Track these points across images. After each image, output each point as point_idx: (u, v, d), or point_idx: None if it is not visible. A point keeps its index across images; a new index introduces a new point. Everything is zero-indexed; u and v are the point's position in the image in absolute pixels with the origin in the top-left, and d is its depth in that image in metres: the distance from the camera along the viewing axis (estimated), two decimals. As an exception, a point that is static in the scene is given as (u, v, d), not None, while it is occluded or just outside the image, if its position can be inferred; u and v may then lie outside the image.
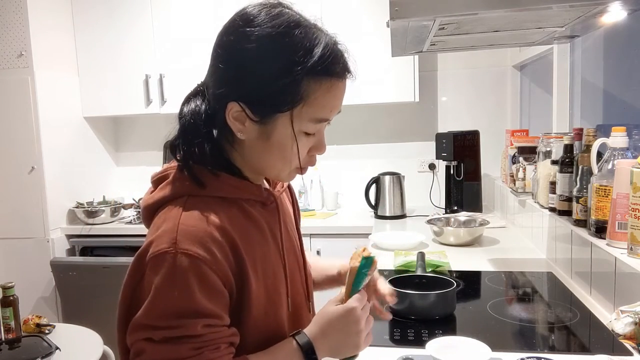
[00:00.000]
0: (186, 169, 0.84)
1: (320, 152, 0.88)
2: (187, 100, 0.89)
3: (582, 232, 1.46)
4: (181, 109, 0.89)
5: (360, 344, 0.87)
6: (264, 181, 0.95)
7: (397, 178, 2.86)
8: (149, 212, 0.85)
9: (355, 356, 0.88)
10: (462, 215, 2.35)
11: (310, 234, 2.62)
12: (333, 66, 0.81)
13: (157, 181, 0.88)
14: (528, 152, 2.14)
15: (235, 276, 0.80)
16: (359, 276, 0.88)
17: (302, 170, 0.87)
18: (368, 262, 0.88)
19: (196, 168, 0.83)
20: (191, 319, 0.74)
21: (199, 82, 0.90)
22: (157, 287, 0.74)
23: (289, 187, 1.06)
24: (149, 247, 0.77)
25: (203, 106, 0.85)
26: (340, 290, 0.92)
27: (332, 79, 0.81)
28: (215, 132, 0.85)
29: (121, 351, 0.83)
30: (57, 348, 1.92)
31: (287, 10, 0.83)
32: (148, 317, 0.75)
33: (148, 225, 0.85)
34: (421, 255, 1.66)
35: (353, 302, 0.86)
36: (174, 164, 0.89)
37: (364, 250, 0.90)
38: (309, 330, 0.85)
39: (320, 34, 0.82)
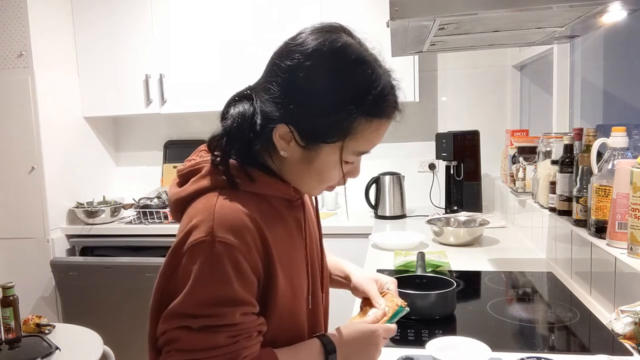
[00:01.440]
0: (223, 166, 0.85)
1: (354, 177, 0.92)
2: (234, 101, 0.90)
3: (582, 232, 1.47)
4: (227, 109, 0.90)
5: None
6: None
7: (397, 178, 2.86)
8: (180, 205, 0.87)
9: None
10: (462, 215, 2.35)
11: (310, 234, 2.61)
12: (386, 108, 0.84)
13: (188, 174, 0.89)
14: (528, 152, 2.15)
15: (264, 267, 0.82)
16: (392, 318, 1.00)
17: (331, 188, 0.92)
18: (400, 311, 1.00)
19: (232, 165, 0.85)
20: (230, 307, 0.76)
21: (248, 86, 0.91)
22: (195, 276, 0.76)
23: None
24: (186, 237, 0.79)
25: (250, 111, 0.86)
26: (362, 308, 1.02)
27: (382, 119, 0.84)
28: (257, 142, 0.86)
29: (151, 340, 0.84)
30: (57, 348, 1.92)
31: (349, 41, 0.84)
32: (186, 305, 0.76)
33: (178, 218, 0.88)
34: (421, 255, 1.66)
35: (380, 327, 0.94)
36: (204, 157, 0.90)
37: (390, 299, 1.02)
38: (333, 336, 0.90)
39: (380, 71, 0.84)
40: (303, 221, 0.93)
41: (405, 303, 1.00)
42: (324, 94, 0.81)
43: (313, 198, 1.04)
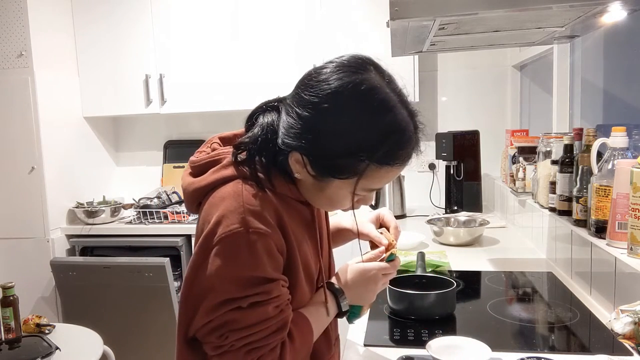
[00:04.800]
0: (249, 163, 0.87)
1: (366, 204, 0.95)
2: (263, 110, 0.92)
3: (582, 232, 1.47)
4: (255, 114, 0.92)
5: (372, 300, 1.02)
6: None
7: (397, 178, 2.85)
8: (199, 194, 0.89)
9: (361, 309, 1.03)
10: (462, 215, 2.35)
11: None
12: (399, 156, 0.85)
13: (207, 164, 0.91)
14: (528, 152, 2.14)
15: (287, 252, 0.87)
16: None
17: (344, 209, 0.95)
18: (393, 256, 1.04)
19: (257, 161, 0.88)
20: (271, 284, 0.83)
21: (278, 97, 0.92)
22: (235, 265, 0.81)
23: None
24: (216, 227, 0.81)
25: (277, 125, 0.88)
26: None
27: (393, 166, 0.85)
28: (280, 155, 0.88)
29: (182, 325, 0.88)
30: (57, 348, 1.92)
31: (373, 83, 0.82)
32: (230, 292, 0.80)
33: (194, 209, 0.91)
34: (421, 255, 1.66)
35: (374, 265, 1.00)
36: (222, 149, 0.92)
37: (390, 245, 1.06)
38: (337, 278, 0.99)
39: (400, 117, 0.83)
40: (314, 217, 0.97)
41: (394, 245, 1.05)
42: (339, 136, 0.82)
43: None
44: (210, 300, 0.81)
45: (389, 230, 1.11)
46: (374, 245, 1.08)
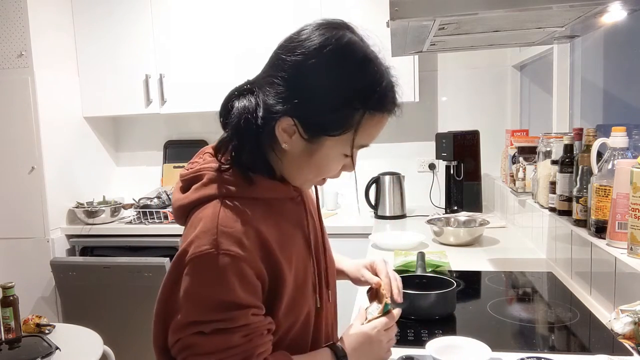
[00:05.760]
0: (225, 171, 0.86)
1: (349, 171, 0.93)
2: (234, 96, 0.89)
3: (582, 232, 1.47)
4: (228, 104, 0.89)
5: (382, 357, 0.98)
6: None
7: (397, 178, 2.86)
8: (183, 212, 0.89)
9: None
10: (462, 215, 2.35)
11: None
12: (388, 104, 0.86)
13: (190, 180, 0.90)
14: (528, 152, 2.14)
15: (269, 271, 0.83)
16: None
17: (324, 181, 0.94)
18: (387, 307, 0.99)
19: (234, 171, 0.87)
20: (239, 311, 0.79)
21: (248, 80, 0.91)
22: (201, 286, 0.79)
23: None
24: (189, 247, 0.81)
25: (254, 105, 0.86)
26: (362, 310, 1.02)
27: (384, 114, 0.86)
28: (263, 136, 0.87)
29: (157, 346, 0.87)
30: (57, 348, 1.92)
31: (353, 38, 0.86)
32: (195, 313, 0.79)
33: (183, 224, 0.90)
34: (421, 255, 1.66)
35: (373, 324, 0.96)
36: (207, 162, 0.90)
37: (379, 291, 1.02)
38: (343, 344, 0.94)
39: (382, 69, 0.86)
40: (305, 218, 0.95)
41: (388, 298, 1.00)
42: (330, 90, 0.83)
43: (314, 195, 1.05)
44: (178, 320, 0.80)
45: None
46: (371, 289, 1.06)
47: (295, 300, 0.89)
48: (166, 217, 2.88)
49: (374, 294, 1.05)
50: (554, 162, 1.72)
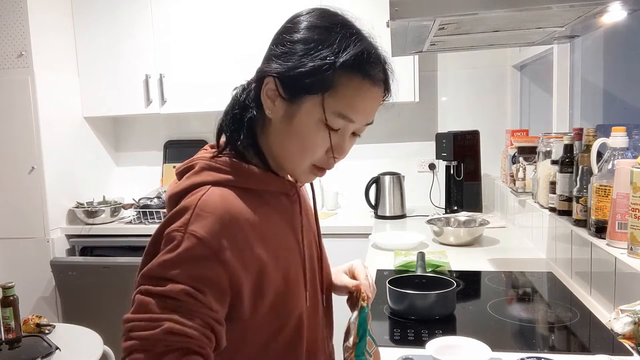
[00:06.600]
0: (217, 162, 0.87)
1: (339, 156, 0.88)
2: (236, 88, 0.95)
3: (582, 232, 1.47)
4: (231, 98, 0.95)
5: None
6: (288, 175, 0.96)
7: (397, 178, 2.86)
8: (174, 201, 0.87)
9: None
10: (462, 215, 2.35)
11: (310, 234, 2.61)
12: (367, 67, 0.84)
13: (183, 171, 0.91)
14: (528, 152, 2.15)
15: (245, 264, 0.81)
16: (361, 326, 0.94)
17: (319, 170, 0.90)
18: (364, 313, 0.94)
19: (227, 160, 0.87)
20: (176, 284, 0.76)
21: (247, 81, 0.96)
22: (160, 256, 0.78)
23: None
24: (167, 224, 0.81)
25: (241, 88, 0.93)
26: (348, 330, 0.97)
27: (363, 79, 0.83)
28: (253, 111, 0.89)
29: None
30: (57, 348, 1.92)
31: (341, 15, 0.89)
32: (144, 274, 0.79)
33: None
34: (421, 255, 1.66)
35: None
36: (199, 153, 0.92)
37: (360, 294, 0.97)
38: None
39: (366, 40, 0.87)
40: (299, 214, 0.94)
41: (364, 301, 0.96)
42: (306, 44, 0.84)
43: (310, 193, 1.03)
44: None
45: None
46: (350, 295, 1.02)
47: (284, 299, 0.86)
48: (166, 217, 2.88)
49: (354, 302, 1.00)
50: (554, 162, 1.72)
